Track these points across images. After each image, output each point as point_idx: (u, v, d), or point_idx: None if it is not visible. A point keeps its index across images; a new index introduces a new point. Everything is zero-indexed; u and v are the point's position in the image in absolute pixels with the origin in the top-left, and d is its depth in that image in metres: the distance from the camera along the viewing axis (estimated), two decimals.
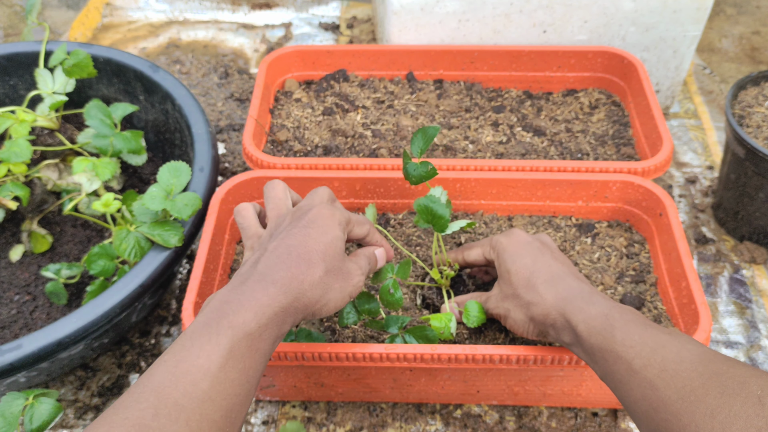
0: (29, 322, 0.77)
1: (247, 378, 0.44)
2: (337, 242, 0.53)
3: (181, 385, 0.41)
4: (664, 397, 0.43)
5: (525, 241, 0.62)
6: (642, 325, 0.49)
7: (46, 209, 0.83)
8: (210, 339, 0.43)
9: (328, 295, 0.52)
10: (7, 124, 0.76)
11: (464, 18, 0.95)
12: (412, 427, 0.73)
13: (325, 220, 0.54)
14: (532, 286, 0.57)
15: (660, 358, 0.45)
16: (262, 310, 0.46)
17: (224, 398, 0.42)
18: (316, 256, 0.51)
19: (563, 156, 0.85)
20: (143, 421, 0.39)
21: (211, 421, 0.41)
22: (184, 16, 1.33)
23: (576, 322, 0.52)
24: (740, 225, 0.90)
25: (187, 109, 0.82)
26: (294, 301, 0.49)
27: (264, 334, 0.46)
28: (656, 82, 1.03)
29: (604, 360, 0.50)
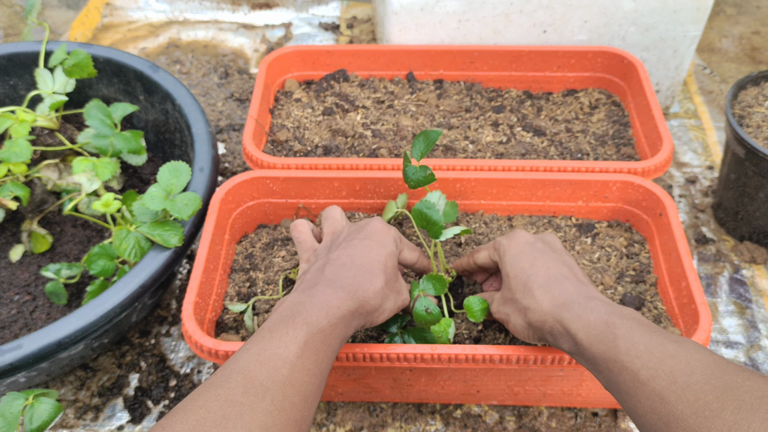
0: (29, 322, 0.77)
1: (320, 369, 0.49)
2: (393, 257, 0.59)
3: (264, 370, 0.45)
4: (676, 412, 0.41)
5: (525, 242, 0.60)
6: (646, 332, 0.47)
7: (46, 209, 0.83)
8: (287, 332, 0.48)
9: (385, 304, 0.57)
10: (7, 124, 0.76)
11: (464, 18, 0.95)
12: (412, 427, 0.73)
13: (381, 234, 0.59)
14: (528, 290, 0.56)
15: (668, 368, 0.43)
16: (332, 311, 0.51)
17: (302, 384, 0.46)
18: (377, 268, 0.56)
19: (563, 156, 0.85)
20: (234, 397, 0.43)
21: (291, 403, 0.45)
22: (184, 16, 1.33)
23: (575, 330, 0.50)
24: (740, 225, 0.90)
25: (187, 109, 0.82)
26: (359, 307, 0.53)
27: (334, 332, 0.51)
28: (656, 82, 1.03)
29: (608, 370, 0.48)
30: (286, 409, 0.44)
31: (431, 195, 0.67)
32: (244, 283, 0.73)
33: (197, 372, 0.78)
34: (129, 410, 0.75)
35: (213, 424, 0.41)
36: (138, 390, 0.76)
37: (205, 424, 0.41)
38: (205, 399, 0.43)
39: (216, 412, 0.42)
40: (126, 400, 0.76)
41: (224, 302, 0.71)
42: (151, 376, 0.78)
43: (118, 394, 0.76)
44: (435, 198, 0.67)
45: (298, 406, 0.45)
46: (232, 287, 0.73)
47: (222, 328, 0.69)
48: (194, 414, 0.42)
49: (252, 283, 0.73)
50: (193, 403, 0.43)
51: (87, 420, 0.74)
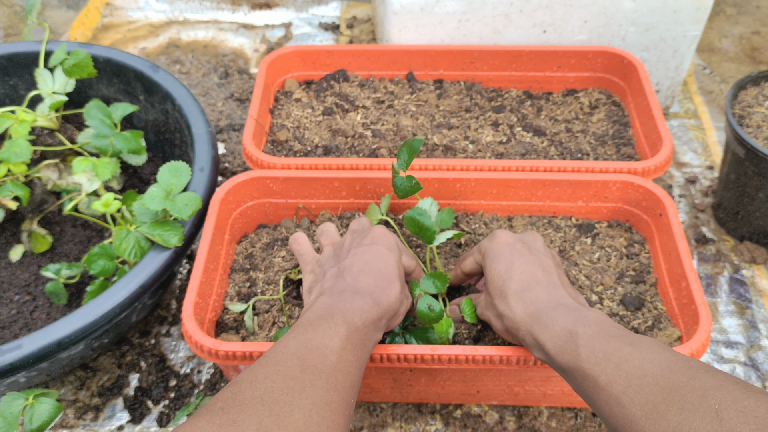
0: (29, 322, 0.77)
1: (359, 364, 0.52)
2: (400, 264, 0.61)
3: (315, 355, 0.48)
4: (630, 415, 0.43)
5: (505, 243, 0.61)
6: (605, 338, 0.49)
7: (46, 209, 0.83)
8: (329, 327, 0.51)
9: (401, 308, 0.59)
10: (7, 124, 0.76)
11: (464, 18, 0.95)
12: (412, 427, 0.73)
13: (386, 239, 0.61)
14: (504, 297, 0.57)
15: (624, 373, 0.45)
16: (364, 315, 0.54)
17: (347, 372, 0.49)
18: (393, 273, 0.58)
19: (563, 156, 0.85)
20: (294, 373, 0.46)
21: (343, 386, 0.48)
22: (184, 16, 1.33)
23: (543, 341, 0.52)
24: (740, 225, 0.90)
25: (187, 109, 0.82)
26: (384, 313, 0.56)
27: (368, 333, 0.54)
28: (656, 82, 1.03)
29: (573, 378, 0.50)
30: (339, 391, 0.47)
31: (423, 202, 0.68)
32: (244, 283, 0.73)
33: (197, 372, 0.78)
34: (129, 410, 0.75)
35: (281, 392, 0.44)
36: (138, 390, 0.76)
37: (273, 392, 0.44)
38: (266, 373, 0.46)
39: (281, 383, 0.44)
40: (126, 400, 0.76)
41: (224, 302, 0.71)
42: (151, 376, 0.78)
43: (118, 394, 0.76)
44: (427, 204, 0.68)
45: (348, 391, 0.48)
46: (232, 287, 0.73)
47: (222, 328, 0.69)
48: (261, 384, 0.44)
49: (252, 283, 0.73)
50: (255, 374, 0.45)
51: (87, 420, 0.74)
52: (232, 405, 0.42)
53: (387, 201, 0.75)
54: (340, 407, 0.46)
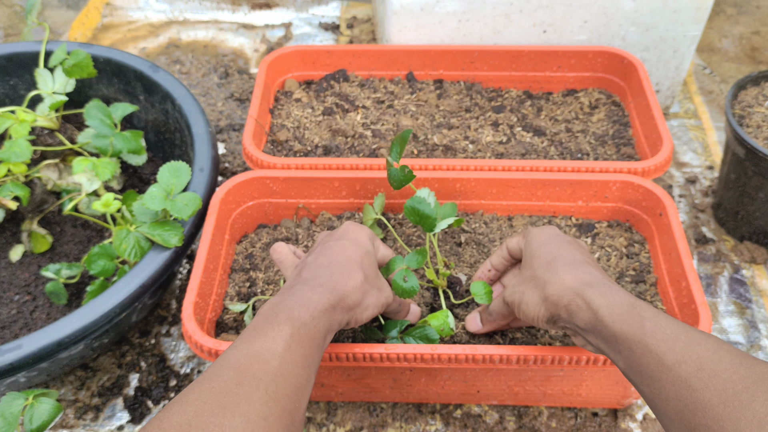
0: (29, 322, 0.77)
1: (307, 362, 0.50)
2: (369, 255, 0.60)
3: (255, 363, 0.46)
4: (703, 400, 0.40)
5: (555, 233, 0.61)
6: (672, 320, 0.46)
7: (46, 209, 0.83)
8: (273, 328, 0.49)
9: (366, 300, 0.57)
10: (7, 124, 0.76)
11: (464, 18, 0.95)
12: (412, 427, 0.73)
13: (355, 233, 0.61)
14: (552, 267, 0.55)
15: (695, 355, 0.42)
16: (313, 305, 0.52)
17: (292, 376, 0.47)
18: (354, 264, 0.57)
19: (563, 156, 0.85)
20: (228, 389, 0.44)
21: (284, 393, 0.46)
22: (184, 16, 1.33)
23: (598, 306, 0.50)
24: (740, 225, 0.89)
25: (187, 109, 0.82)
26: (339, 300, 0.54)
27: (317, 326, 0.52)
28: (656, 82, 1.03)
29: (630, 350, 0.46)
30: (280, 400, 0.45)
31: (421, 191, 0.68)
32: (244, 283, 0.73)
33: (197, 372, 0.78)
34: (129, 410, 0.75)
35: (211, 413, 0.41)
36: (138, 390, 0.76)
37: (203, 414, 0.41)
38: (199, 392, 0.43)
39: (212, 403, 0.42)
40: (126, 400, 0.76)
41: (224, 302, 0.71)
42: (151, 376, 0.78)
43: (118, 394, 0.76)
44: (425, 194, 0.67)
45: (291, 397, 0.46)
46: (232, 287, 0.73)
47: (222, 328, 0.69)
48: (191, 406, 0.42)
49: (252, 283, 0.73)
50: (188, 396, 0.43)
51: (87, 420, 0.74)
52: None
53: (381, 200, 0.75)
54: (281, 419, 0.44)
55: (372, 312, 0.58)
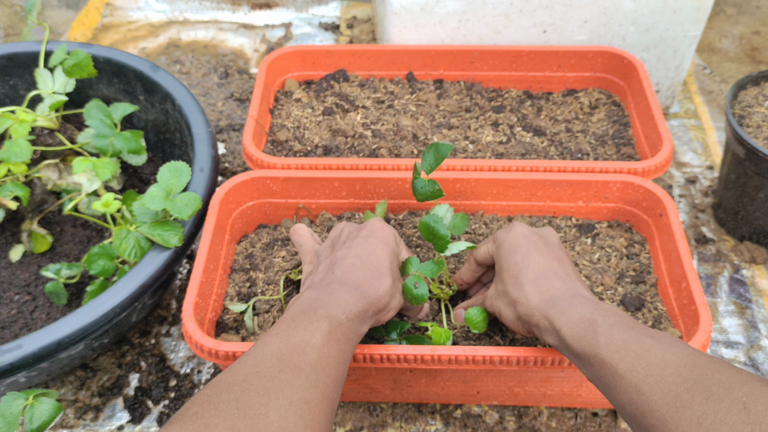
0: (29, 322, 0.77)
1: (343, 359, 0.51)
2: (395, 256, 0.61)
3: (295, 354, 0.48)
4: (650, 402, 0.43)
5: (522, 235, 0.61)
6: (625, 329, 0.49)
7: (46, 209, 0.83)
8: (311, 323, 0.51)
9: (392, 303, 0.59)
10: (7, 124, 0.76)
11: (464, 18, 0.95)
12: (412, 427, 0.73)
13: (383, 232, 0.61)
14: (519, 284, 0.57)
15: (644, 362, 0.45)
16: (349, 308, 0.54)
17: (330, 368, 0.49)
18: (385, 267, 0.58)
19: (563, 156, 0.85)
20: (272, 374, 0.46)
21: (323, 383, 0.48)
22: (184, 16, 1.33)
23: (559, 326, 0.52)
24: (740, 225, 0.89)
25: (187, 109, 0.82)
26: (371, 306, 0.56)
27: (351, 327, 0.54)
28: (656, 82, 1.03)
29: (590, 365, 0.50)
30: (320, 388, 0.47)
31: (439, 208, 0.66)
32: (244, 283, 0.73)
33: (197, 372, 0.78)
34: (129, 410, 0.75)
35: (257, 394, 0.44)
36: (138, 390, 0.76)
37: (250, 393, 0.44)
38: (245, 374, 0.46)
39: (258, 385, 0.44)
40: (126, 400, 0.76)
41: (224, 302, 0.71)
42: (151, 376, 0.78)
43: (118, 394, 0.76)
44: (442, 211, 0.66)
45: (330, 387, 0.48)
46: (232, 287, 0.73)
47: (222, 328, 0.69)
48: (238, 386, 0.44)
49: (252, 283, 0.73)
50: (233, 377, 0.45)
51: (87, 420, 0.74)
52: (207, 409, 0.42)
53: (383, 206, 0.74)
54: (321, 405, 0.46)
55: (393, 313, 0.60)
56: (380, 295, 0.57)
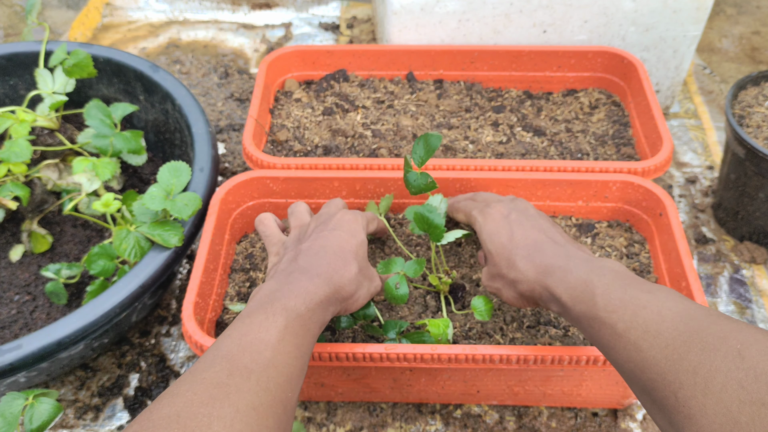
0: (29, 322, 0.77)
1: (300, 353, 0.50)
2: (363, 246, 0.61)
3: (247, 353, 0.46)
4: (649, 358, 0.44)
5: (500, 216, 0.62)
6: (622, 286, 0.49)
7: (46, 209, 0.83)
8: (267, 318, 0.49)
9: (359, 291, 0.58)
10: (7, 124, 0.76)
11: (464, 18, 0.95)
12: (412, 427, 0.73)
13: (350, 224, 0.61)
14: (512, 264, 0.57)
15: (641, 319, 0.46)
16: (310, 296, 0.52)
17: (284, 366, 0.47)
18: (349, 256, 0.58)
19: (563, 156, 0.85)
20: (220, 380, 0.44)
21: (276, 383, 0.46)
22: (184, 16, 1.33)
23: (559, 294, 0.53)
24: (740, 225, 0.90)
25: (187, 109, 0.82)
26: (335, 293, 0.55)
27: (312, 317, 0.52)
28: (656, 82, 1.03)
29: (590, 327, 0.50)
30: (271, 390, 0.45)
31: (433, 198, 0.67)
32: (244, 283, 0.73)
33: None
34: (129, 410, 0.75)
35: (201, 404, 0.42)
36: (138, 390, 0.76)
37: (193, 405, 0.41)
38: (191, 383, 0.44)
39: (203, 394, 0.42)
40: (126, 400, 0.76)
41: (224, 302, 0.71)
42: (151, 376, 0.78)
43: (118, 394, 0.76)
44: (436, 201, 0.67)
45: (283, 387, 0.46)
46: (232, 287, 0.73)
47: (222, 328, 0.69)
48: (181, 397, 0.42)
49: (252, 283, 0.73)
50: (178, 388, 0.43)
51: (87, 420, 0.74)
52: (146, 428, 0.40)
53: (388, 201, 0.75)
54: (271, 408, 0.44)
55: (362, 302, 0.60)
56: (345, 282, 0.56)
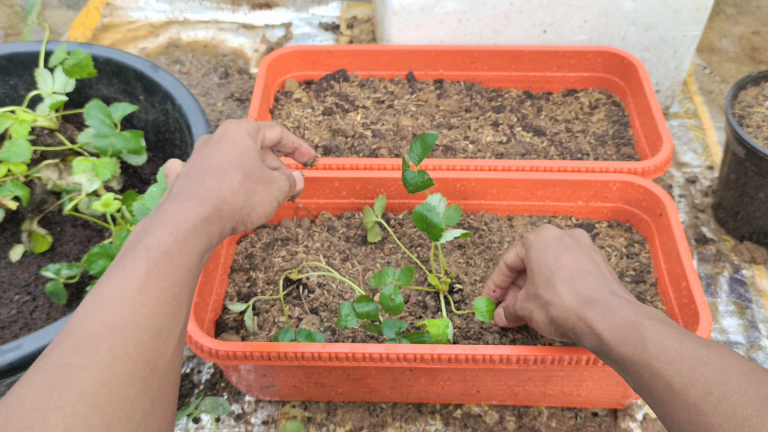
0: (29, 322, 0.77)
1: (173, 295, 0.43)
2: (250, 151, 0.54)
3: (99, 317, 0.40)
4: (714, 424, 0.40)
5: (552, 237, 0.59)
6: (676, 336, 0.45)
7: (46, 209, 0.83)
8: (125, 267, 0.42)
9: (252, 199, 0.52)
10: (7, 124, 0.76)
11: (464, 18, 0.95)
12: (412, 427, 0.73)
13: (232, 134, 0.54)
14: (551, 285, 0.54)
15: (702, 377, 0.42)
16: (178, 225, 0.46)
17: (150, 318, 0.41)
18: (229, 166, 0.51)
19: (563, 156, 0.85)
20: (62, 361, 0.38)
21: (138, 343, 0.40)
22: (184, 16, 1.33)
23: (600, 330, 0.49)
24: (740, 225, 0.89)
25: (187, 109, 0.82)
26: (215, 210, 0.48)
27: (185, 248, 0.45)
28: (656, 82, 1.03)
29: (637, 374, 0.46)
30: (130, 354, 0.39)
31: (432, 198, 0.67)
32: (244, 283, 0.73)
33: (197, 372, 0.78)
34: None
35: (35, 398, 0.36)
36: None
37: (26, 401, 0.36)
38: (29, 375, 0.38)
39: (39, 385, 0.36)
40: None
41: (224, 302, 0.71)
42: None
43: None
44: (435, 201, 0.67)
45: (147, 344, 0.40)
46: (232, 287, 0.73)
47: (222, 328, 0.69)
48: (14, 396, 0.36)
49: (252, 283, 0.73)
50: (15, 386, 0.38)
51: None
52: None
53: (382, 202, 0.75)
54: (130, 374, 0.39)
55: (263, 210, 0.53)
56: (225, 195, 0.49)
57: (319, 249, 0.76)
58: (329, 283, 0.72)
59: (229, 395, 0.76)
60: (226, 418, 0.74)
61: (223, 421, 0.74)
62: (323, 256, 0.75)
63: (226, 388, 0.76)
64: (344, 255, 0.75)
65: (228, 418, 0.74)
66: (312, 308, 0.70)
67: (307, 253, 0.75)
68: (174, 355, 0.42)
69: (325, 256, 0.75)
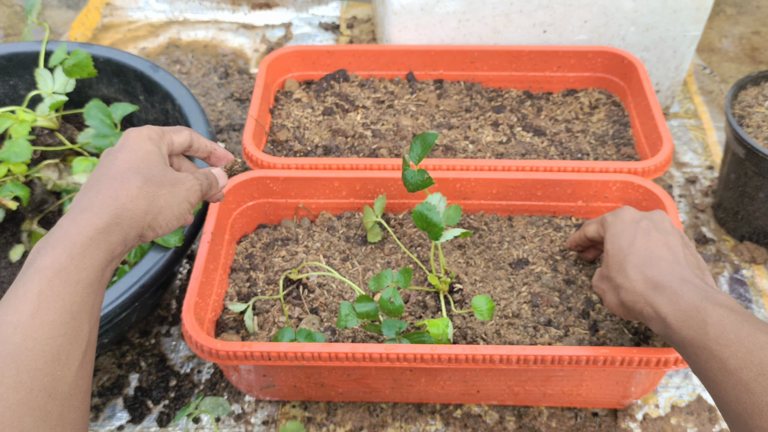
0: None
1: (71, 315, 0.42)
2: (151, 155, 0.52)
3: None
4: (761, 403, 0.41)
5: (630, 220, 0.60)
6: (738, 321, 0.46)
7: (46, 209, 0.83)
8: (17, 291, 0.41)
9: (157, 203, 0.49)
10: (7, 124, 0.76)
11: (464, 18, 0.95)
12: (412, 427, 0.73)
13: (132, 141, 0.52)
14: (622, 269, 0.56)
15: (758, 360, 0.43)
16: (73, 240, 0.43)
17: (45, 343, 0.40)
18: (128, 173, 0.49)
19: (563, 156, 0.85)
20: None
21: (32, 369, 0.38)
22: (184, 16, 1.33)
23: (665, 314, 0.51)
24: (740, 225, 0.89)
25: (187, 109, 0.82)
26: (114, 219, 0.46)
27: (82, 263, 0.43)
28: (656, 82, 1.03)
29: (696, 356, 0.48)
30: (25, 382, 0.38)
31: (432, 197, 0.67)
32: (244, 283, 0.73)
33: (197, 372, 0.78)
34: (129, 410, 0.75)
35: None
36: (138, 390, 0.76)
37: None
38: None
39: None
40: (126, 400, 0.76)
41: (224, 302, 0.71)
42: (151, 376, 0.78)
43: (118, 394, 0.76)
44: (435, 200, 0.67)
45: (44, 370, 0.39)
46: (232, 287, 0.73)
47: (222, 328, 0.69)
48: None
49: (252, 283, 0.73)
50: None
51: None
52: None
53: (382, 202, 0.75)
54: (24, 404, 0.37)
55: (171, 213, 0.51)
56: (123, 202, 0.47)
57: (319, 249, 0.76)
58: (329, 283, 0.72)
59: (229, 395, 0.76)
60: (226, 418, 0.74)
61: (223, 421, 0.74)
62: (323, 256, 0.75)
63: (226, 388, 0.76)
64: (344, 255, 0.75)
65: (228, 418, 0.74)
66: (312, 308, 0.70)
67: (307, 253, 0.75)
68: (77, 377, 0.41)
69: (325, 256, 0.75)
